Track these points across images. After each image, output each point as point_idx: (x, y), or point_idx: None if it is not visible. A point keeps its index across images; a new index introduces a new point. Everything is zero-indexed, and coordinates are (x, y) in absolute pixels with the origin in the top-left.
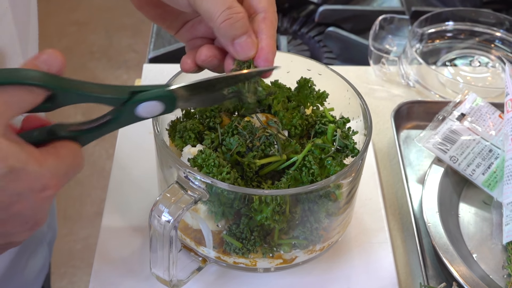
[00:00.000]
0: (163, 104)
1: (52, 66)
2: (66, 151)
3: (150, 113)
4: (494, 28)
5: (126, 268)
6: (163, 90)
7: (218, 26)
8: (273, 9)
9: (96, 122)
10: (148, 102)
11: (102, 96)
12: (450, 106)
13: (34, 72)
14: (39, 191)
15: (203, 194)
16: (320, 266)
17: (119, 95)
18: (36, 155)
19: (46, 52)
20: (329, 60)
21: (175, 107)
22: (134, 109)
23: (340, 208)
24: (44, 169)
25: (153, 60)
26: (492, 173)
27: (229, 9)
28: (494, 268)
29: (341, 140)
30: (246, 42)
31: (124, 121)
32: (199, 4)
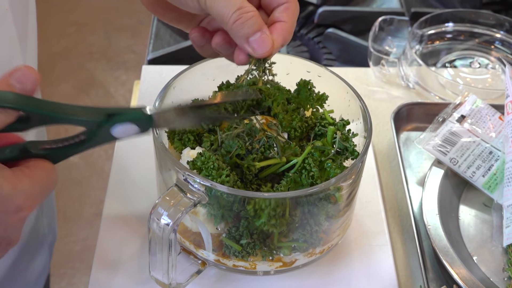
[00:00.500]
0: (138, 127)
1: (25, 84)
2: (39, 171)
3: (125, 134)
4: (494, 29)
5: (125, 271)
6: (140, 113)
7: (231, 28)
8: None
9: (69, 141)
10: (123, 124)
11: (77, 119)
12: (450, 108)
13: (6, 93)
14: (13, 213)
15: (203, 197)
16: (320, 269)
17: (95, 117)
18: (10, 177)
19: (20, 69)
20: (329, 62)
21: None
22: (109, 130)
23: (340, 210)
24: (18, 191)
25: (152, 62)
26: (492, 175)
27: (239, 9)
28: (495, 270)
29: (341, 142)
30: (261, 38)
31: (98, 141)
32: (210, 8)
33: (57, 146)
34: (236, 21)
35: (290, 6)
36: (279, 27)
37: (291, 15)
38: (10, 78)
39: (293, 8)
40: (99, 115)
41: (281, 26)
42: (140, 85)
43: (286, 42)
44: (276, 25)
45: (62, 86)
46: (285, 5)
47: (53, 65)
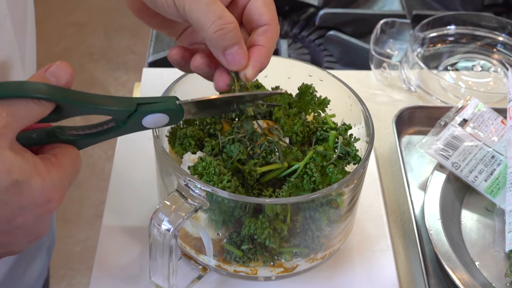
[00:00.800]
0: (169, 117)
1: (60, 78)
2: (67, 160)
3: (155, 124)
4: (496, 32)
5: (125, 276)
6: (172, 104)
7: (209, 37)
8: (275, 23)
9: (97, 128)
10: (154, 114)
11: (109, 109)
12: (452, 112)
13: (42, 85)
14: (43, 205)
15: (204, 203)
16: (322, 275)
17: (126, 107)
18: (40, 169)
19: (55, 64)
20: (330, 64)
21: (180, 120)
22: (140, 120)
23: (341, 215)
24: (47, 183)
25: (152, 64)
26: (495, 180)
27: (220, 19)
28: (497, 276)
29: (342, 147)
30: (237, 52)
31: (127, 129)
32: (189, 14)
33: (85, 133)
34: (217, 31)
35: (269, 29)
36: (256, 52)
37: (269, 39)
38: (45, 72)
39: (272, 31)
40: (129, 105)
41: (258, 51)
42: (140, 87)
43: (263, 67)
44: (253, 50)
45: None
46: (264, 27)
47: None
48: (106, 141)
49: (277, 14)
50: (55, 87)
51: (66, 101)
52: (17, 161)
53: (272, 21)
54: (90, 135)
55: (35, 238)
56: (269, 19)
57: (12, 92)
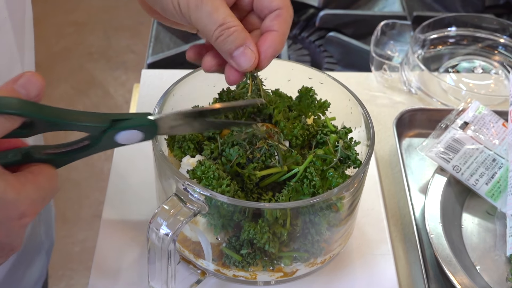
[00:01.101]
0: (143, 133)
1: (30, 91)
2: (43, 178)
3: (129, 140)
4: (497, 34)
5: (124, 280)
6: (145, 119)
7: (214, 44)
8: (287, 5)
9: (73, 146)
10: (127, 130)
11: (82, 125)
12: (453, 114)
13: (12, 99)
14: (17, 219)
15: (203, 207)
16: (321, 279)
17: (99, 123)
18: (14, 183)
19: (25, 75)
20: (330, 66)
21: (155, 135)
22: (113, 137)
23: (341, 219)
24: (22, 197)
25: (151, 66)
26: (496, 183)
27: (221, 26)
28: (498, 280)
29: (343, 151)
30: (243, 53)
31: (101, 146)
32: (195, 23)
33: (60, 151)
34: (218, 38)
35: (282, 13)
36: (270, 37)
37: (282, 23)
38: (15, 84)
39: (285, 15)
40: (103, 121)
41: (272, 37)
42: (139, 89)
43: (277, 52)
44: (266, 36)
45: (61, 86)
46: (277, 11)
47: (52, 65)
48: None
49: None
50: (26, 102)
51: (36, 116)
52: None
53: (284, 5)
54: (65, 154)
55: (8, 252)
56: (280, 3)
57: None
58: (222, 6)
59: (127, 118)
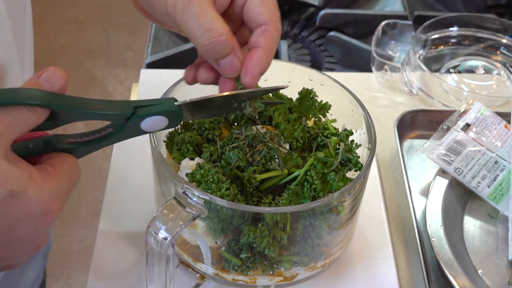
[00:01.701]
0: (168, 119)
1: (54, 84)
2: (65, 169)
3: (154, 127)
4: (499, 34)
5: (122, 283)
6: (170, 105)
7: (200, 49)
8: (275, 21)
9: (95, 135)
10: (153, 117)
11: (106, 113)
12: (454, 116)
13: (36, 91)
14: (40, 216)
15: (202, 211)
16: (322, 283)
17: (123, 111)
18: (37, 179)
19: (48, 69)
20: (330, 65)
21: (180, 121)
22: (138, 124)
23: (342, 223)
24: (45, 193)
25: (150, 65)
26: (498, 186)
27: (208, 32)
28: (500, 284)
29: (344, 153)
30: (230, 62)
31: (125, 135)
32: (180, 24)
33: (83, 140)
34: (206, 45)
35: (268, 29)
36: (255, 55)
37: (269, 39)
38: (38, 78)
39: (271, 31)
40: (126, 109)
41: (257, 54)
42: (138, 88)
43: (264, 70)
44: (252, 53)
45: None
46: (263, 27)
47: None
48: None
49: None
50: (49, 93)
51: (61, 107)
52: (13, 171)
53: (271, 20)
54: (88, 143)
55: (33, 250)
56: (267, 18)
57: (5, 100)
58: (210, 9)
59: (151, 104)
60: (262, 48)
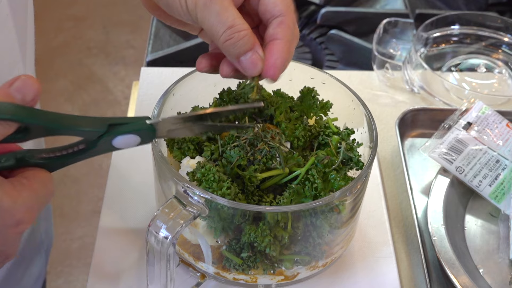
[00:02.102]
0: (140, 137)
1: (26, 95)
2: (38, 183)
3: (126, 144)
4: (500, 32)
5: (122, 282)
6: (142, 124)
7: (221, 46)
8: (291, 12)
9: (67, 150)
10: (125, 135)
11: (78, 130)
12: (456, 115)
13: (7, 105)
14: (13, 227)
15: (203, 210)
16: (323, 282)
17: (96, 128)
18: (10, 190)
19: (20, 78)
20: (331, 63)
21: (153, 139)
22: (110, 141)
23: (343, 222)
24: (18, 205)
25: (151, 63)
26: (499, 185)
27: (230, 28)
28: (501, 283)
29: (345, 152)
30: (251, 59)
31: (98, 151)
32: (201, 22)
33: (55, 155)
34: (227, 40)
35: (285, 20)
36: (276, 48)
37: (286, 30)
38: (10, 88)
39: (288, 21)
40: (100, 126)
41: (277, 46)
42: (139, 87)
43: (287, 61)
44: (272, 46)
45: (60, 81)
46: (280, 18)
47: (51, 60)
48: None
49: None
50: (20, 107)
51: (32, 121)
52: None
53: (287, 11)
54: (60, 158)
55: (3, 260)
56: (283, 9)
57: None
58: (231, 7)
59: (124, 123)
60: (281, 39)
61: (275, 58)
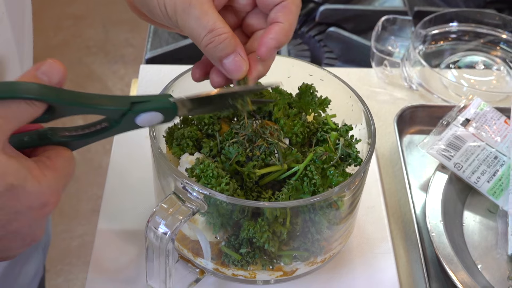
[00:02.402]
0: (163, 115)
1: (52, 77)
2: (61, 162)
3: (149, 122)
4: (499, 29)
5: (122, 278)
6: (166, 101)
7: (203, 50)
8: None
9: (90, 128)
10: (148, 112)
11: (103, 108)
12: (454, 111)
13: (33, 85)
14: (38, 209)
15: (201, 206)
16: (321, 278)
17: (120, 106)
18: (35, 171)
19: (46, 62)
20: (330, 61)
21: (175, 117)
22: (133, 119)
23: (342, 218)
24: (43, 186)
25: (150, 61)
26: (498, 181)
27: (210, 32)
28: (499, 279)
29: (343, 149)
30: (234, 61)
31: (121, 129)
32: (182, 27)
33: (78, 134)
34: (208, 44)
35: (287, 5)
36: (274, 29)
37: (288, 15)
38: (36, 71)
39: (290, 6)
40: (123, 104)
41: (276, 28)
42: (138, 84)
43: (280, 44)
44: (270, 27)
45: None
46: (282, 3)
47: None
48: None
49: None
50: (47, 87)
51: (58, 101)
52: (11, 164)
53: None
54: (83, 136)
55: (30, 242)
56: None
57: (3, 93)
58: (211, 10)
59: (147, 100)
60: (282, 23)
61: (270, 38)
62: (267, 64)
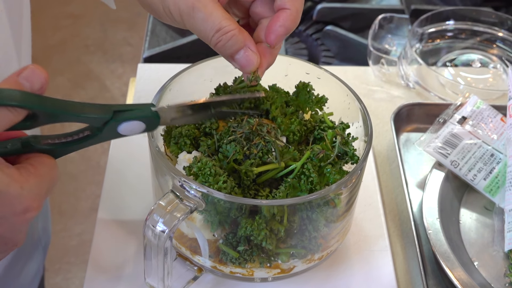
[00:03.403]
0: (145, 124)
1: (34, 83)
2: (44, 169)
3: (131, 131)
4: (495, 27)
5: (120, 276)
6: (148, 110)
7: (214, 48)
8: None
9: (73, 136)
10: (130, 121)
11: (85, 116)
12: (451, 109)
13: (16, 92)
14: (21, 214)
15: (199, 204)
16: (319, 275)
17: (102, 114)
18: (17, 177)
19: (28, 68)
20: (327, 59)
21: (157, 127)
22: (115, 128)
23: (339, 215)
24: (25, 191)
25: (147, 60)
26: (494, 178)
27: (218, 31)
28: (496, 276)
29: (340, 147)
30: (244, 56)
31: (103, 137)
32: (191, 28)
33: (60, 141)
34: (217, 43)
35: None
36: (281, 16)
37: (294, 1)
38: (18, 77)
39: (293, 13)
40: (106, 113)
41: (284, 15)
42: (136, 83)
43: (289, 31)
44: (278, 14)
45: (58, 79)
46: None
47: (48, 58)
48: None
49: None
50: (29, 94)
51: (41, 108)
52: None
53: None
54: (66, 144)
55: (11, 247)
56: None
57: None
58: (216, 9)
59: (129, 109)
60: (289, 9)
61: (279, 25)
62: (274, 52)
